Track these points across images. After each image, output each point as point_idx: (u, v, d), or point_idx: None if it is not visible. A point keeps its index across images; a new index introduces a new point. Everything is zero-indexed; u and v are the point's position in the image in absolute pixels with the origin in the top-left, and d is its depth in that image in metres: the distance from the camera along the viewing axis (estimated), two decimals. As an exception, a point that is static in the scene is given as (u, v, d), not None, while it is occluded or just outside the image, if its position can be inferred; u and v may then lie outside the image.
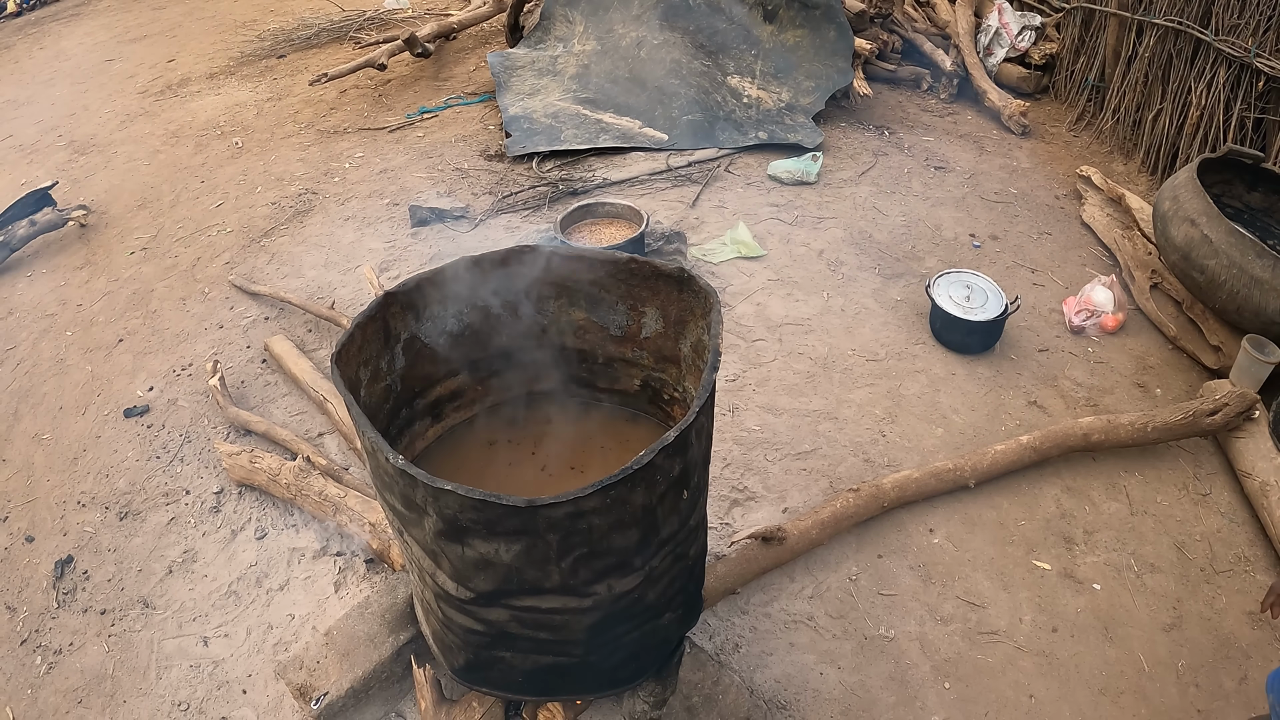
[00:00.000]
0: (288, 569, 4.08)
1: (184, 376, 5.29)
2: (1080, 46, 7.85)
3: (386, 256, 6.14)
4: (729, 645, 3.65)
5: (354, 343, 2.75)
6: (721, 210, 6.41)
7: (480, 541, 2.29)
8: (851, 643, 3.67)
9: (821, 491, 4.29)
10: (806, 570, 3.94)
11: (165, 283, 6.20)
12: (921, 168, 6.97)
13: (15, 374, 5.53)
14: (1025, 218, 6.36)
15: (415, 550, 2.58)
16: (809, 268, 5.78)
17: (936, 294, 5.07)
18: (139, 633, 3.93)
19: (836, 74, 7.49)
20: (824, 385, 4.88)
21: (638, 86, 7.60)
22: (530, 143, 7.23)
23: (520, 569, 2.35)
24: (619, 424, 3.40)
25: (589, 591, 2.47)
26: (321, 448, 4.65)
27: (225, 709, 3.59)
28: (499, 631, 2.63)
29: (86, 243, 6.83)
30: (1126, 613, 3.77)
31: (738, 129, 7.24)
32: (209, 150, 8.02)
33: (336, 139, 7.96)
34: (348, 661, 3.26)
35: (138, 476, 4.68)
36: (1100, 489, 4.30)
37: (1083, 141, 7.43)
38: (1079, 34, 7.82)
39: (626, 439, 3.35)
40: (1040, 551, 4.02)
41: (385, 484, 2.44)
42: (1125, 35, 7.20)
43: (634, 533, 2.39)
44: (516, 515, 2.16)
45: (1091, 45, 7.69)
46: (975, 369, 4.98)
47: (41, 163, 8.21)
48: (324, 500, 4.07)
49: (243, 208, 7.01)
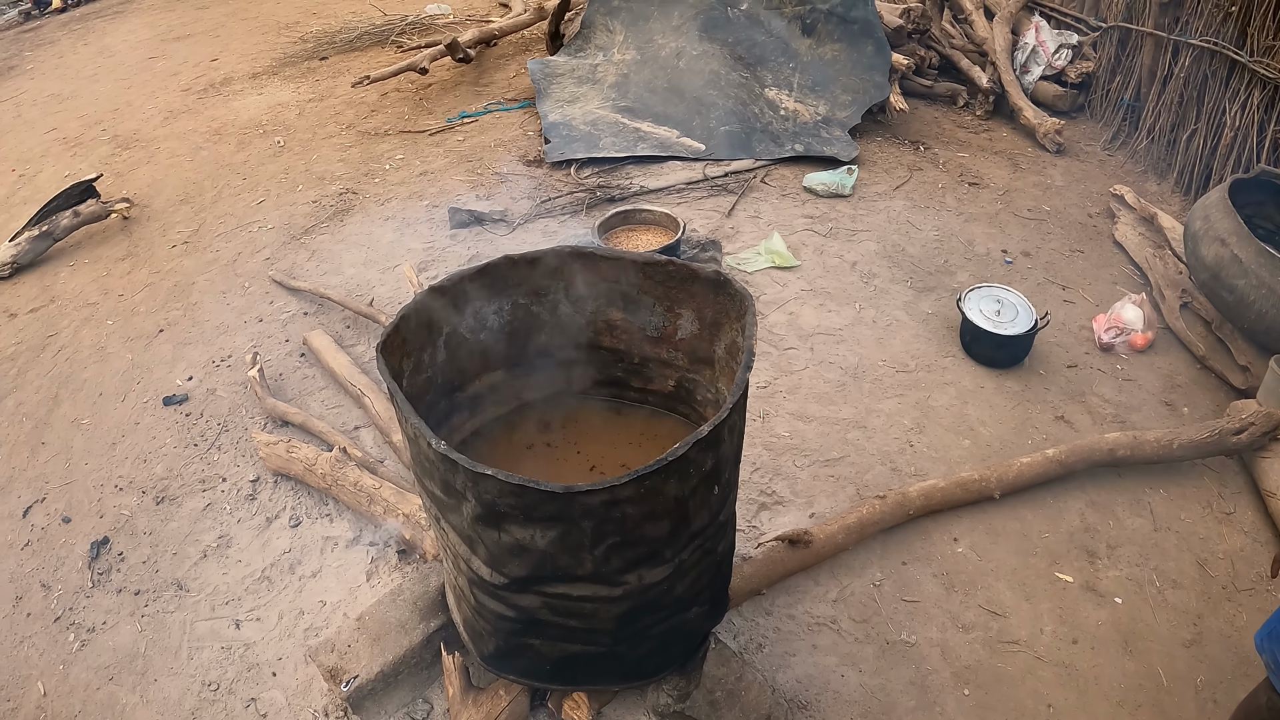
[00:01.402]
0: (321, 557, 4.15)
1: (223, 367, 5.37)
2: (1116, 66, 7.84)
3: (425, 257, 6.21)
4: (753, 644, 3.69)
5: (399, 334, 2.82)
6: (756, 220, 6.46)
7: (517, 527, 2.35)
8: (873, 647, 3.69)
9: (848, 498, 4.32)
10: (831, 574, 3.97)
11: (206, 276, 6.30)
12: (955, 183, 6.99)
13: (56, 360, 5.63)
14: (1058, 235, 6.37)
15: (451, 536, 2.64)
16: (842, 279, 5.81)
17: (967, 307, 5.08)
18: (172, 614, 4.00)
19: (873, 88, 7.55)
20: (854, 394, 4.92)
21: (676, 96, 7.68)
22: (569, 149, 7.30)
23: (554, 555, 2.41)
24: (652, 422, 3.45)
25: (620, 580, 2.52)
26: (357, 440, 4.73)
27: (254, 690, 3.65)
28: (530, 618, 2.69)
29: (128, 235, 6.95)
30: (1147, 627, 3.77)
31: (774, 141, 7.30)
32: (251, 148, 8.13)
33: (377, 140, 8.06)
34: (378, 646, 3.31)
35: (175, 463, 4.76)
36: (1124, 504, 4.31)
37: (1117, 160, 7.43)
38: (1115, 53, 7.82)
39: (659, 437, 3.40)
40: (1063, 564, 4.03)
41: (425, 470, 2.50)
42: (1161, 55, 7.20)
43: (665, 524, 2.44)
44: (553, 501, 2.23)
45: (1127, 65, 7.69)
46: (1004, 383, 4.99)
47: (85, 156, 8.34)
48: (359, 491, 4.14)
49: (284, 205, 7.11)
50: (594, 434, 3.43)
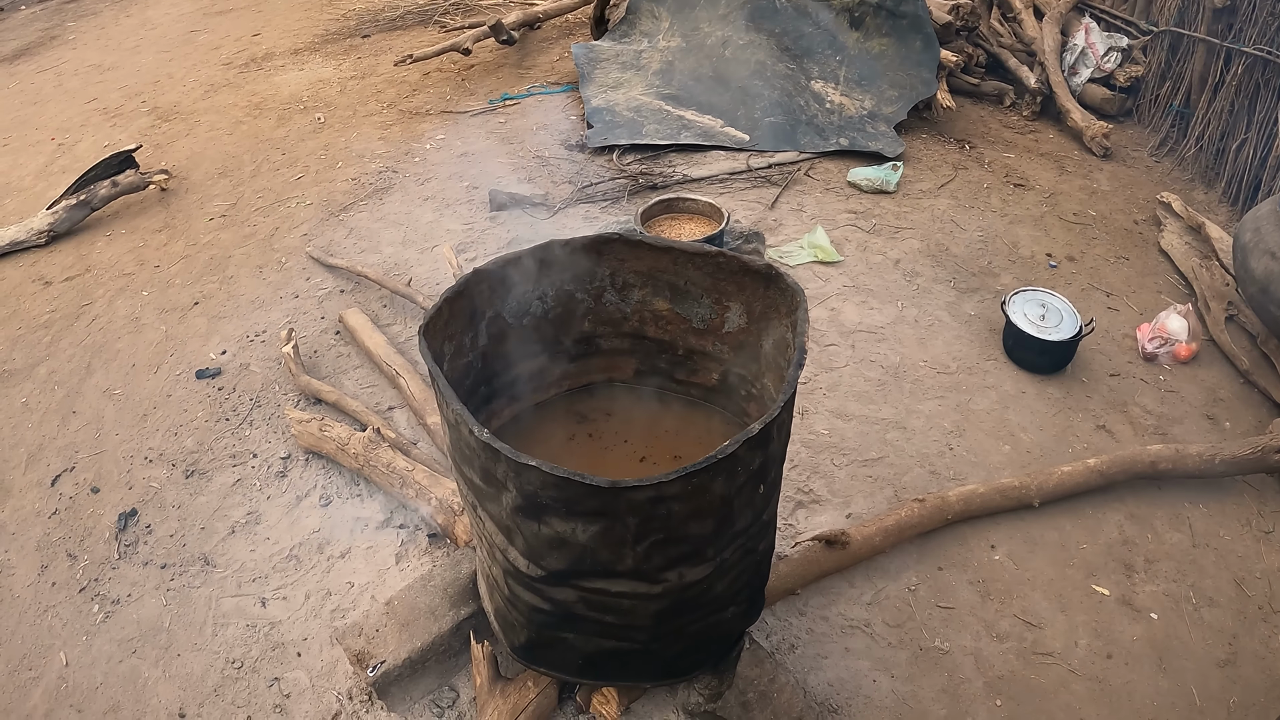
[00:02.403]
0: (350, 537, 4.12)
1: (257, 343, 5.35)
2: (1166, 71, 7.71)
3: (464, 238, 6.17)
4: (785, 645, 3.63)
5: (441, 316, 2.77)
6: (800, 214, 6.39)
7: (558, 520, 2.30)
8: (906, 652, 3.64)
9: (886, 500, 4.26)
10: (866, 577, 3.92)
11: (243, 250, 6.28)
12: (1001, 184, 6.90)
13: (90, 330, 5.62)
14: (1103, 240, 6.28)
15: (488, 525, 2.59)
16: (884, 277, 5.74)
17: (1011, 311, 5.00)
18: (198, 589, 3.99)
19: (921, 84, 7.45)
20: (894, 394, 4.85)
21: (721, 86, 7.60)
22: (612, 135, 7.23)
23: (595, 550, 2.36)
24: (695, 415, 3.40)
25: (660, 578, 2.47)
26: (391, 421, 4.69)
27: (279, 669, 3.63)
28: (565, 612, 2.64)
29: (166, 206, 6.94)
30: (1182, 645, 3.70)
31: (819, 134, 7.22)
32: (291, 124, 8.12)
33: (418, 120, 8.01)
34: (407, 632, 3.27)
35: (206, 437, 4.74)
36: (1164, 518, 4.23)
37: (1164, 167, 7.31)
38: (1165, 59, 7.69)
39: (700, 431, 3.35)
40: (1100, 576, 3.96)
41: (465, 457, 2.45)
42: (1213, 62, 7.09)
43: (710, 522, 2.39)
44: (598, 496, 2.17)
45: (1178, 71, 7.56)
46: (1045, 389, 4.92)
47: (125, 127, 8.35)
48: (391, 472, 4.10)
49: (322, 182, 7.09)
50: (636, 425, 3.38)
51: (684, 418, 3.39)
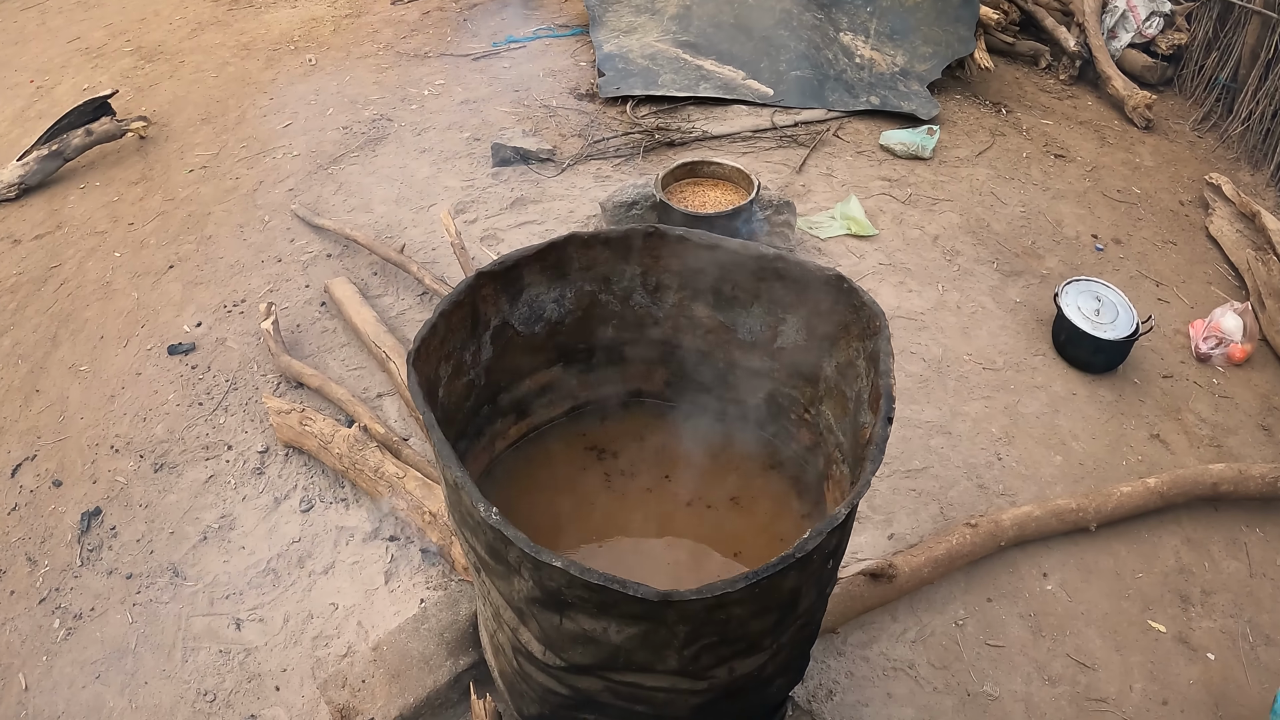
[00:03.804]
0: (334, 550, 3.73)
1: (235, 314, 4.94)
2: (1213, 41, 7.29)
3: (464, 197, 5.75)
4: (823, 691, 3.27)
5: (435, 335, 2.33)
6: (830, 179, 5.95)
7: (586, 619, 1.87)
8: (953, 699, 3.31)
9: (930, 517, 3.89)
10: (910, 610, 3.56)
11: (223, 206, 5.85)
12: (1041, 154, 6.48)
13: (58, 295, 5.20)
14: (1149, 222, 5.89)
15: (494, 595, 2.17)
16: (923, 254, 5.33)
17: (1065, 303, 4.64)
18: (166, 605, 3.61)
19: (957, 42, 6.98)
20: (937, 393, 4.46)
21: (743, 34, 7.10)
22: (625, 84, 6.78)
23: (631, 651, 1.93)
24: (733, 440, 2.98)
25: (707, 676, 2.05)
26: (380, 411, 4.28)
27: (255, 705, 3.26)
28: (586, 698, 2.22)
29: (144, 156, 6.49)
30: (1238, 689, 3.43)
31: (848, 91, 6.74)
32: (280, 65, 7.66)
33: (416, 63, 7.57)
34: (398, 684, 2.88)
35: (177, 424, 4.34)
36: (1221, 543, 3.93)
37: (1207, 144, 6.89)
38: (1213, 28, 7.27)
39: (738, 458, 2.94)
40: (1156, 610, 3.66)
41: (468, 525, 2.02)
42: (1268, 36, 6.63)
43: (773, 616, 1.97)
44: (641, 604, 1.74)
45: (1226, 42, 7.13)
46: (1097, 391, 4.56)
47: (106, 68, 7.89)
48: (379, 478, 3.68)
49: (311, 130, 6.65)
50: (663, 453, 2.97)
51: (722, 445, 2.96)
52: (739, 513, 2.82)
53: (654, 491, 2.85)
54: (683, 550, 2.74)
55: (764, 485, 2.89)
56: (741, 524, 2.79)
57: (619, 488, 2.85)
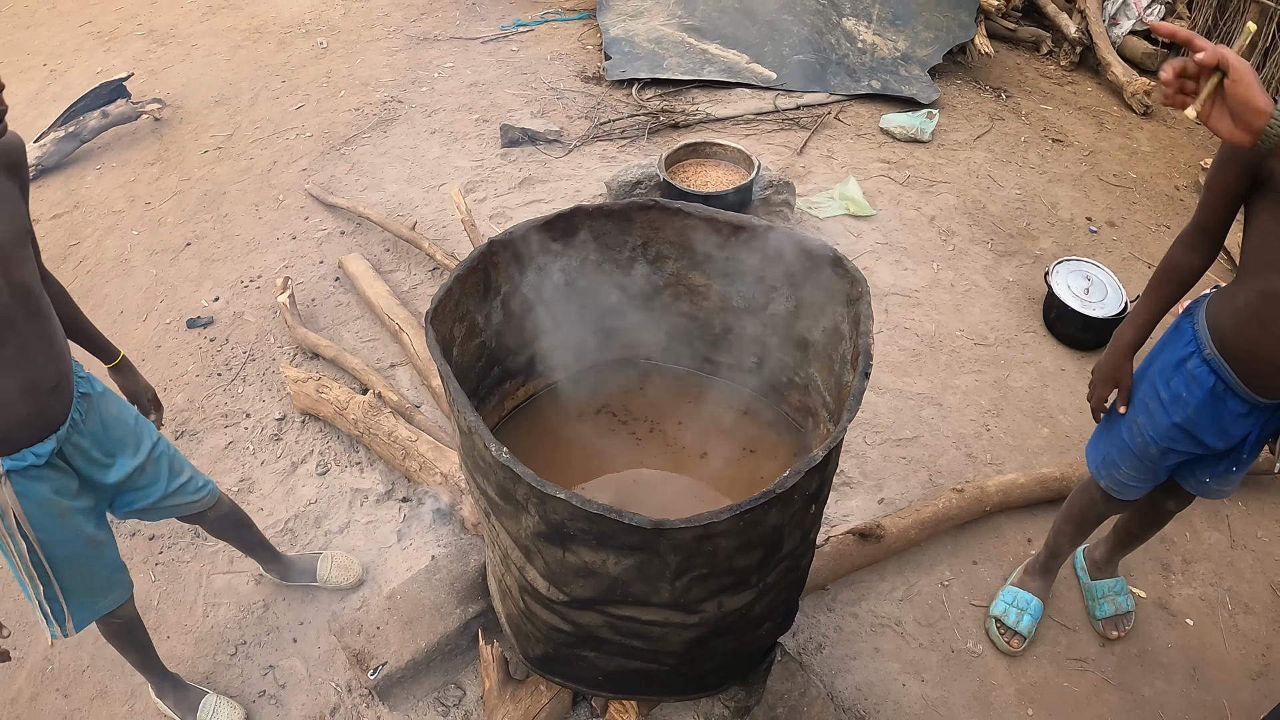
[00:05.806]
0: (349, 511, 3.86)
1: (252, 289, 5.05)
2: (1212, 30, 7.37)
3: (473, 176, 5.87)
4: (812, 645, 3.39)
5: (451, 297, 2.46)
6: (830, 161, 6.06)
7: (586, 551, 2.01)
8: (938, 654, 3.42)
9: (920, 484, 4.01)
10: (898, 570, 3.67)
11: (238, 186, 5.97)
12: (1039, 138, 6.56)
13: (77, 272, 5.32)
14: (1144, 206, 5.96)
15: (503, 538, 2.31)
16: (919, 234, 5.44)
17: (1055, 282, 4.74)
18: (187, 564, 3.72)
19: (958, 27, 7.08)
20: (929, 366, 4.58)
21: (747, 18, 7.21)
22: (631, 68, 6.90)
23: (628, 583, 2.07)
24: (727, 400, 3.13)
25: (698, 609, 2.19)
26: (393, 381, 4.41)
27: (273, 656, 3.38)
28: (587, 634, 2.37)
29: (159, 138, 6.60)
30: (1216, 654, 3.50)
31: (850, 75, 6.85)
32: (292, 49, 7.76)
33: (426, 46, 7.67)
34: (410, 631, 3.02)
35: (196, 394, 4.46)
36: (1202, 515, 3.99)
37: (1205, 131, 6.90)
38: (1213, 16, 7.36)
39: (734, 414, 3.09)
40: (1137, 577, 3.74)
41: (479, 468, 2.17)
42: (1267, 26, 6.73)
43: (758, 552, 2.11)
44: (636, 534, 1.88)
45: (1226, 30, 7.22)
46: (1085, 366, 4.64)
47: (119, 51, 7.97)
48: (393, 442, 3.82)
49: (324, 112, 6.76)
50: (662, 407, 3.12)
51: (717, 402, 3.12)
52: (732, 465, 2.97)
53: (652, 445, 3.00)
54: (676, 495, 2.90)
55: (757, 440, 3.04)
56: (733, 473, 2.94)
57: (619, 442, 2.99)
